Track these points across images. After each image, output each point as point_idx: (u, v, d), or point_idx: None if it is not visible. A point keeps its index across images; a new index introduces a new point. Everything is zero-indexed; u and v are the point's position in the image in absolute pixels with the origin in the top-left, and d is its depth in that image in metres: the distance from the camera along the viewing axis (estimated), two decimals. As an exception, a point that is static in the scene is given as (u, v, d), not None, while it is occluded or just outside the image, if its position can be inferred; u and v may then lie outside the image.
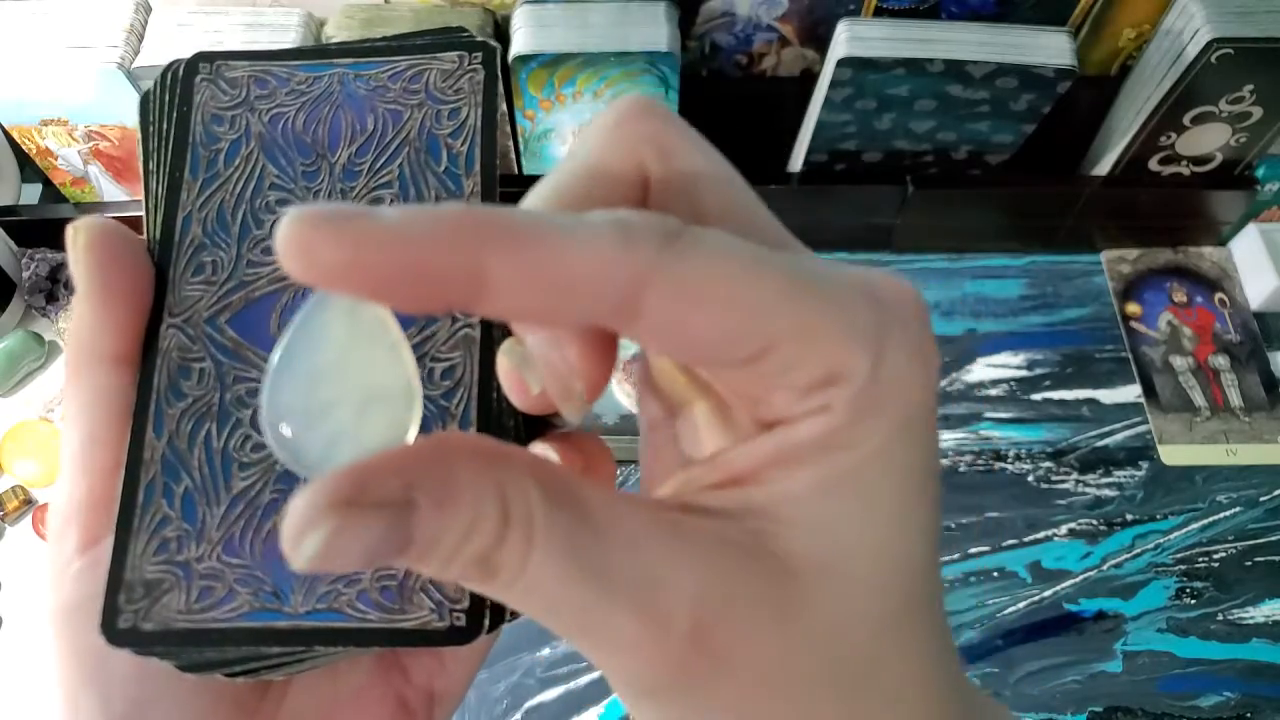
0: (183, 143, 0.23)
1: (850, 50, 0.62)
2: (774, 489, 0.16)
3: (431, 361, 0.21)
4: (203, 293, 0.22)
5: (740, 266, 0.15)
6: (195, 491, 0.21)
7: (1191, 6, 0.62)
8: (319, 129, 0.23)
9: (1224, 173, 0.73)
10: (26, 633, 0.63)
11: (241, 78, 0.23)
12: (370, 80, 0.23)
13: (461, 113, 0.23)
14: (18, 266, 0.73)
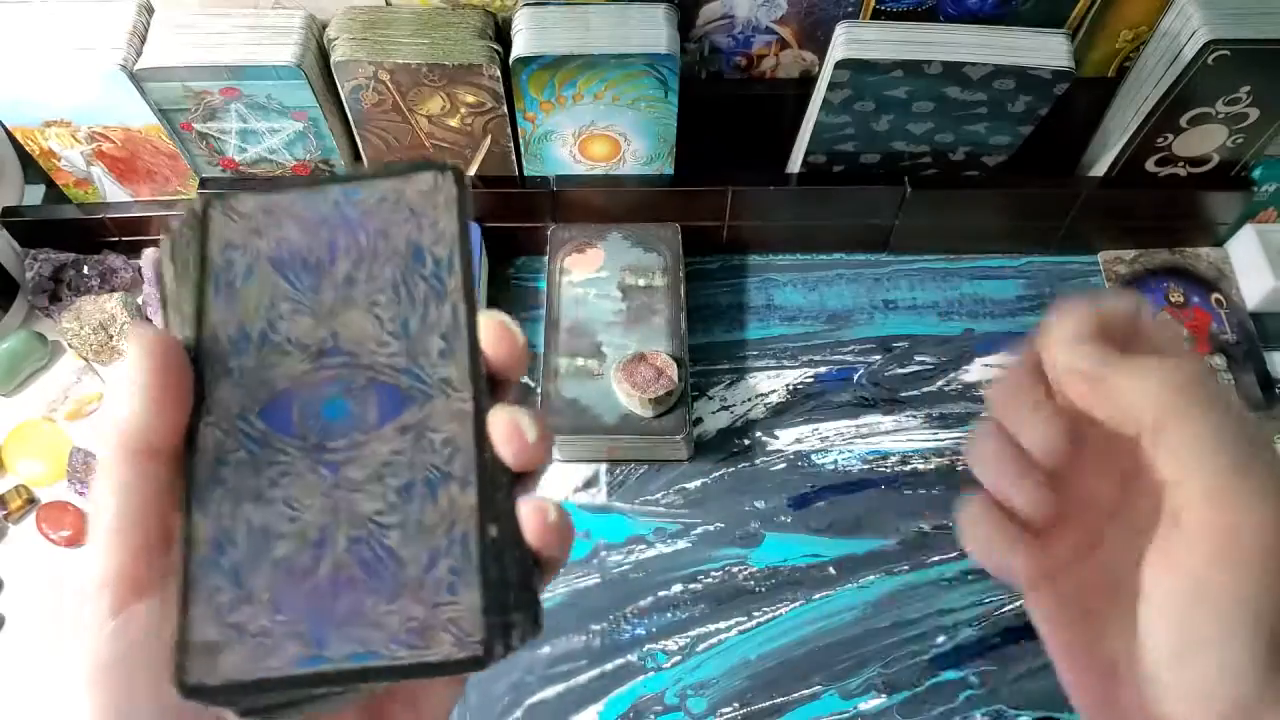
0: (204, 268, 0.26)
1: (848, 52, 0.62)
2: None
3: (432, 433, 0.25)
4: (232, 394, 0.25)
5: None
6: (242, 562, 0.24)
7: (1188, 8, 0.63)
8: (320, 248, 0.26)
9: (1221, 174, 0.73)
10: (28, 632, 0.63)
11: (251, 210, 0.27)
12: (360, 203, 0.27)
13: (439, 223, 0.27)
14: (21, 267, 0.73)
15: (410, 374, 0.26)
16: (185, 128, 0.66)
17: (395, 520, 0.24)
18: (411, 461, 0.25)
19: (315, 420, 0.25)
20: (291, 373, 0.25)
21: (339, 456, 0.25)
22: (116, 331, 0.71)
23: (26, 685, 0.61)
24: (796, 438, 0.70)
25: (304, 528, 0.24)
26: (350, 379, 0.25)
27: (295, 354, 0.26)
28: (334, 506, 0.24)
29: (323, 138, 0.68)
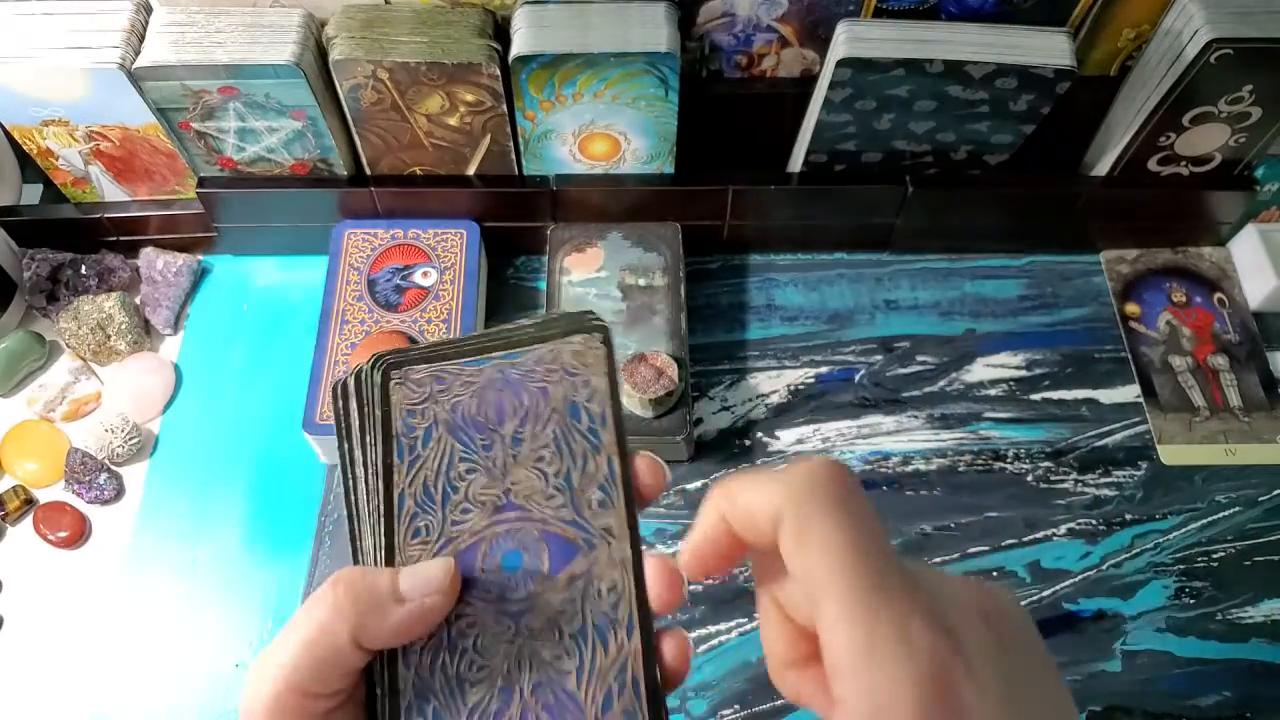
0: (389, 435, 0.29)
1: (850, 51, 0.62)
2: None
3: (598, 581, 0.28)
4: (421, 551, 0.28)
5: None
6: (441, 709, 0.27)
7: (1191, 7, 0.62)
8: (489, 410, 0.29)
9: (1223, 173, 0.73)
10: (27, 633, 0.63)
11: (424, 378, 0.30)
12: (520, 367, 0.30)
13: (591, 382, 0.30)
14: (19, 267, 0.73)
15: (576, 525, 0.28)
16: (183, 127, 0.66)
17: (572, 665, 0.27)
18: (582, 609, 0.27)
19: (496, 573, 0.28)
20: (474, 529, 0.28)
21: (519, 606, 0.27)
22: (114, 331, 0.71)
23: (26, 685, 0.61)
24: (797, 438, 0.70)
25: (492, 675, 0.27)
26: (524, 532, 0.28)
27: (475, 511, 0.28)
28: (518, 654, 0.27)
29: (321, 136, 0.67)
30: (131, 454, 0.68)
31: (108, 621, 0.63)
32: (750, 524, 0.26)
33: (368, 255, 0.72)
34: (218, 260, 0.77)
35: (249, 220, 0.74)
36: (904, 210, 0.74)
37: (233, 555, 0.65)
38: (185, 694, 0.61)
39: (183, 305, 0.75)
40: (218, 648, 0.62)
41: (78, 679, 0.61)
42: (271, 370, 0.72)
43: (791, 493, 0.24)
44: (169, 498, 0.67)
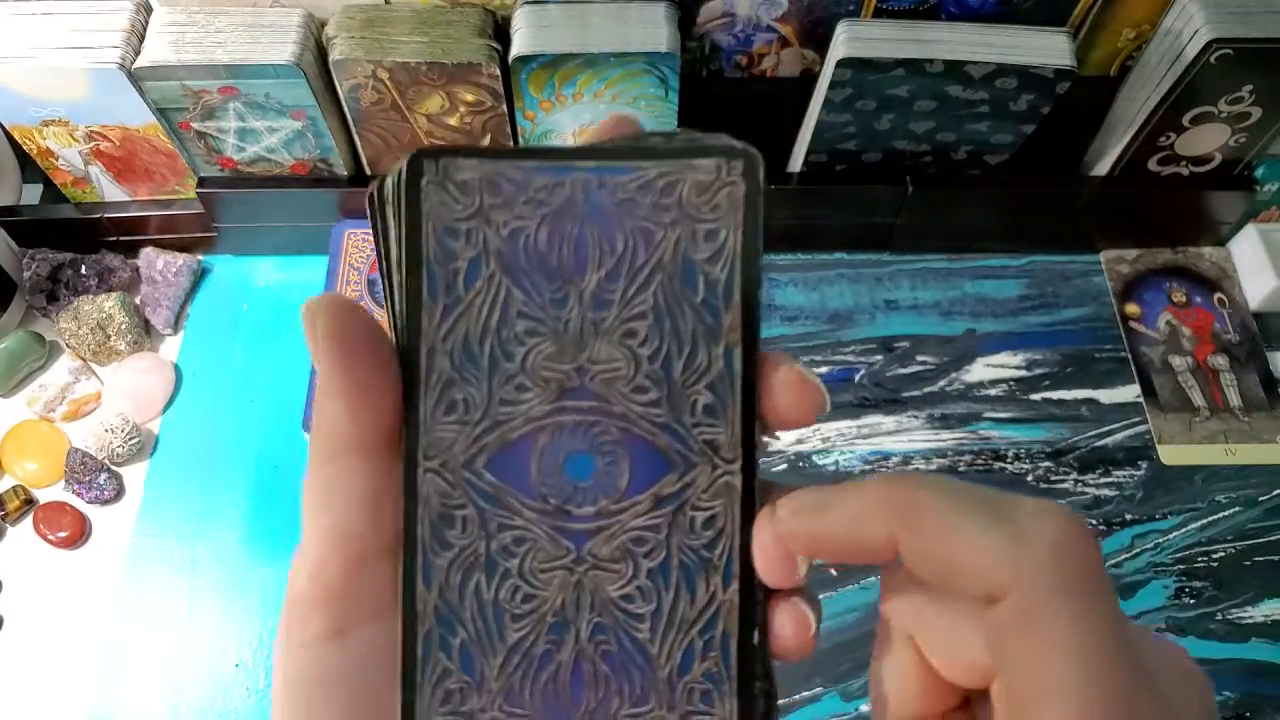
0: (417, 259, 0.21)
1: (850, 51, 0.62)
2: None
3: (693, 510, 0.21)
4: (456, 434, 0.21)
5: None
6: (471, 644, 0.21)
7: (1191, 7, 0.62)
8: (564, 248, 0.21)
9: (1223, 173, 0.73)
10: (27, 633, 0.63)
11: (472, 181, 0.21)
12: (616, 190, 0.21)
13: (720, 234, 0.21)
14: (19, 267, 0.73)
15: (671, 432, 0.21)
16: (183, 127, 0.66)
17: (647, 609, 0.21)
18: (668, 541, 0.21)
19: (556, 477, 0.21)
20: (530, 415, 0.21)
21: (584, 526, 0.21)
22: (114, 331, 0.71)
23: (25, 685, 0.61)
24: (797, 438, 0.70)
25: (542, 609, 0.21)
26: (600, 430, 0.21)
27: (534, 390, 0.21)
28: (577, 585, 0.21)
29: (321, 136, 0.67)
30: (131, 454, 0.68)
31: (107, 622, 0.63)
32: (933, 571, 0.20)
33: (368, 255, 0.72)
34: (218, 260, 0.77)
35: (249, 220, 0.74)
36: (904, 210, 0.73)
37: (232, 555, 0.65)
38: (185, 694, 0.61)
39: (183, 305, 0.75)
40: (217, 648, 0.62)
41: (77, 679, 0.61)
42: (271, 370, 0.72)
43: (1029, 563, 0.18)
44: (169, 498, 0.67)
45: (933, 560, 0.20)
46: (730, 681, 0.21)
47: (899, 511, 0.20)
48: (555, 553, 0.21)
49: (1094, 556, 0.19)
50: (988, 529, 0.19)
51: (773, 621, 0.21)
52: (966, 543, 0.19)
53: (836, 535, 0.21)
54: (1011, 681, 0.19)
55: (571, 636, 0.21)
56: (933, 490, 0.20)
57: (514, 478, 0.21)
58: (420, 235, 0.21)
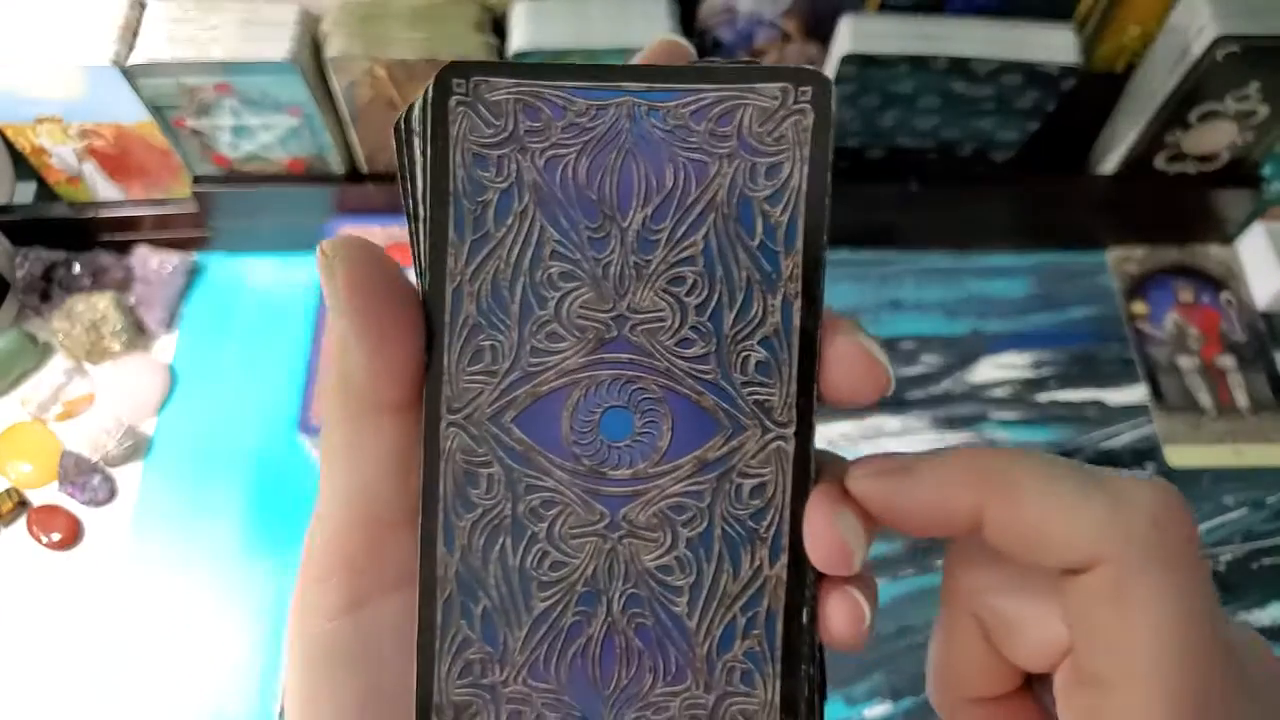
0: (443, 190, 0.19)
1: (854, 46, 0.61)
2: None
3: (739, 477, 0.20)
4: (483, 385, 0.19)
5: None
6: (494, 612, 0.20)
7: (1198, 3, 0.62)
8: (606, 181, 0.19)
9: (1230, 171, 0.72)
10: (19, 636, 0.62)
11: (506, 102, 0.19)
12: (667, 116, 0.19)
13: (783, 170, 0.19)
14: (12, 266, 0.72)
15: (719, 391, 0.19)
16: (178, 124, 0.65)
17: (685, 582, 0.20)
18: (711, 509, 0.20)
19: (591, 436, 0.19)
20: (564, 367, 0.19)
21: (620, 489, 0.20)
22: (108, 331, 0.70)
23: (19, 689, 0.60)
24: (800, 439, 0.69)
25: (572, 577, 0.20)
26: (639, 386, 0.19)
27: (569, 340, 0.19)
28: (610, 553, 0.20)
29: (317, 133, 0.66)
30: (125, 455, 0.67)
31: (102, 624, 0.62)
32: (1020, 543, 0.18)
33: (365, 254, 0.71)
34: (212, 259, 0.76)
35: (244, 218, 0.73)
36: (908, 208, 0.73)
37: (228, 557, 0.65)
38: (181, 696, 0.60)
39: (177, 304, 0.74)
40: (213, 649, 0.62)
41: (72, 682, 0.61)
42: (267, 370, 0.71)
43: (1127, 531, 0.17)
44: (163, 499, 0.67)
45: (1022, 529, 0.18)
46: (774, 663, 0.20)
47: (990, 478, 0.18)
48: (588, 517, 0.20)
49: (1192, 532, 0.18)
50: (1084, 496, 0.18)
51: (823, 607, 0.20)
52: (1061, 510, 0.18)
53: (921, 501, 0.19)
54: (1093, 657, 0.18)
55: (603, 608, 0.20)
56: (1026, 457, 0.19)
57: (544, 435, 0.19)
58: (447, 163, 0.19)
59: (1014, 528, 0.18)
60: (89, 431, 0.67)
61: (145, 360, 0.71)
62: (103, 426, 0.67)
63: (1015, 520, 0.18)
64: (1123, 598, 0.17)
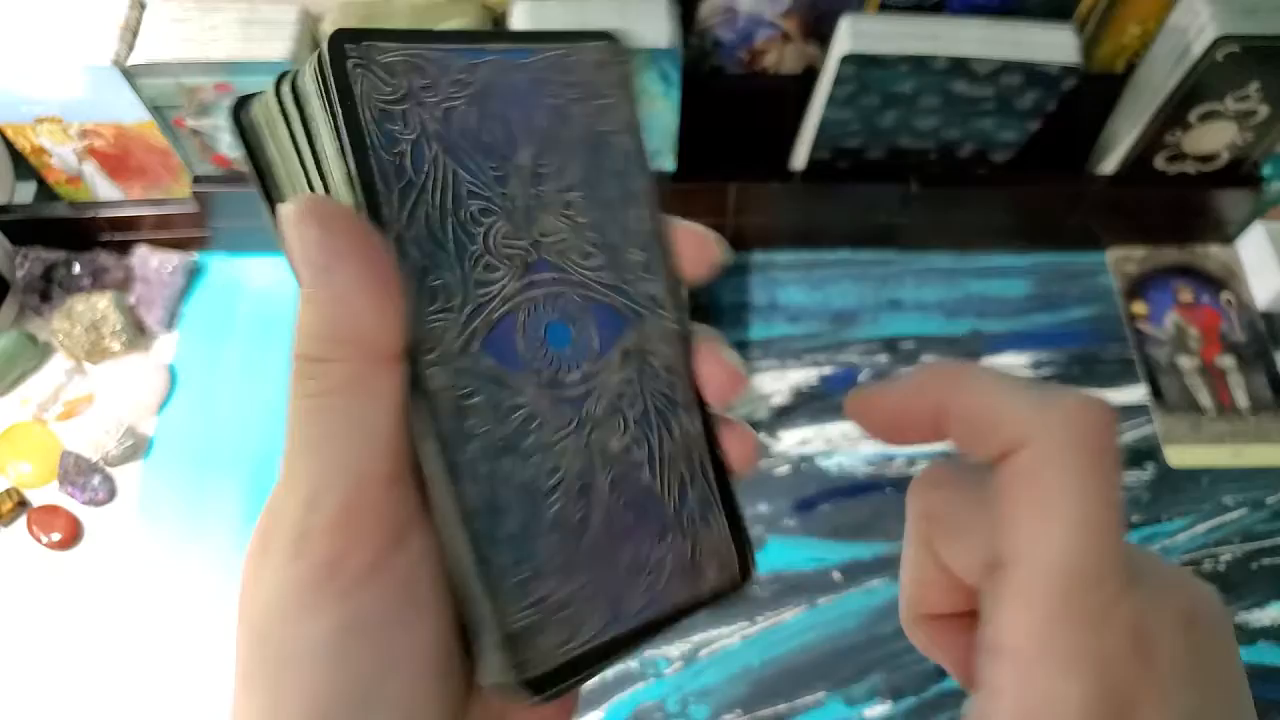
0: (362, 145, 0.20)
1: (854, 46, 0.61)
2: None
3: (651, 358, 0.23)
4: (445, 323, 0.20)
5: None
6: (520, 531, 0.21)
7: (1198, 3, 0.62)
8: (494, 126, 0.21)
9: (1230, 171, 0.72)
10: (19, 636, 0.62)
11: (397, 64, 0.20)
12: (529, 70, 0.22)
13: (618, 106, 0.23)
14: (11, 266, 0.72)
15: (620, 291, 0.23)
16: (178, 124, 0.65)
17: (642, 455, 0.23)
18: (641, 390, 0.23)
19: (542, 350, 0.22)
20: (506, 293, 0.21)
21: (577, 391, 0.22)
22: (108, 331, 0.70)
23: (18, 689, 0.60)
24: (801, 440, 0.69)
25: (567, 477, 0.21)
26: (565, 299, 0.22)
27: (502, 269, 0.21)
28: (586, 448, 0.22)
29: (318, 134, 0.66)
30: (125, 455, 0.67)
31: (101, 624, 0.62)
32: (968, 430, 0.21)
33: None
34: (212, 259, 0.76)
35: (244, 218, 0.73)
36: (908, 208, 0.73)
37: (227, 557, 0.64)
38: (180, 697, 0.60)
39: (177, 304, 0.74)
40: (212, 650, 0.61)
41: (71, 683, 0.60)
42: (267, 370, 0.71)
43: (1045, 429, 0.19)
44: (163, 499, 0.66)
45: (968, 417, 0.21)
46: (717, 501, 0.24)
47: (947, 379, 0.22)
48: (561, 422, 0.22)
49: (1110, 440, 0.19)
50: (1021, 391, 0.20)
51: (724, 444, 0.24)
52: (998, 399, 0.20)
53: (893, 403, 0.23)
54: (1002, 538, 0.19)
55: (597, 496, 0.22)
56: (977, 367, 0.22)
57: (507, 357, 0.21)
58: (359, 120, 0.20)
59: (962, 416, 0.21)
60: (89, 431, 0.67)
61: (145, 360, 0.71)
62: (103, 426, 0.66)
63: (963, 409, 0.21)
64: (1035, 479, 0.19)
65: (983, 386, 0.21)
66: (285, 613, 0.19)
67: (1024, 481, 0.19)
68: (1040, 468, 0.19)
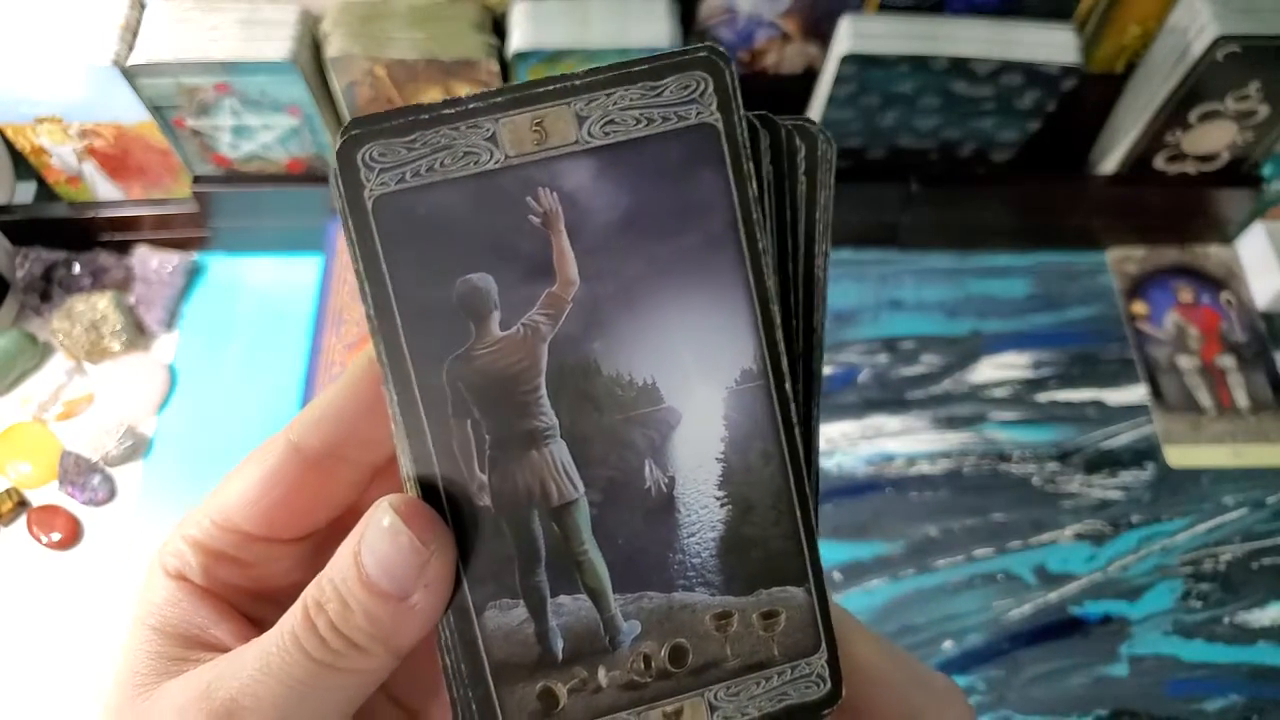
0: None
1: (854, 47, 0.61)
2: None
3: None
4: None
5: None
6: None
7: (1198, 3, 0.62)
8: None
9: (1230, 171, 0.72)
10: (19, 636, 0.62)
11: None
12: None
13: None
14: (12, 266, 0.72)
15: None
16: (178, 124, 0.65)
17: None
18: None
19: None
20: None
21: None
22: (108, 331, 0.70)
23: (18, 689, 0.60)
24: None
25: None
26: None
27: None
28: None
29: (317, 133, 0.66)
30: (125, 455, 0.67)
31: (101, 624, 0.62)
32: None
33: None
34: (212, 259, 0.76)
35: (244, 218, 0.73)
36: (908, 208, 0.73)
37: (228, 558, 0.64)
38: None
39: (177, 304, 0.74)
40: (213, 652, 0.61)
41: (71, 683, 0.60)
42: (267, 370, 0.71)
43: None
44: (163, 499, 0.66)
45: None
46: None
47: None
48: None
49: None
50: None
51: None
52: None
53: None
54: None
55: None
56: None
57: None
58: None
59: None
60: (89, 431, 0.67)
61: (145, 360, 0.71)
62: (103, 426, 0.66)
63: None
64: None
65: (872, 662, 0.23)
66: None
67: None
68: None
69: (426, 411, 0.20)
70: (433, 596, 0.20)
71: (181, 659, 0.21)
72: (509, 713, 0.20)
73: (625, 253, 0.20)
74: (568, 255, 0.20)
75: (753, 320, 0.21)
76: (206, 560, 0.22)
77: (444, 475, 0.20)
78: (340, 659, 0.19)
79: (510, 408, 0.20)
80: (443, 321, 0.20)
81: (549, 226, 0.20)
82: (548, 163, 0.20)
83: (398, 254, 0.20)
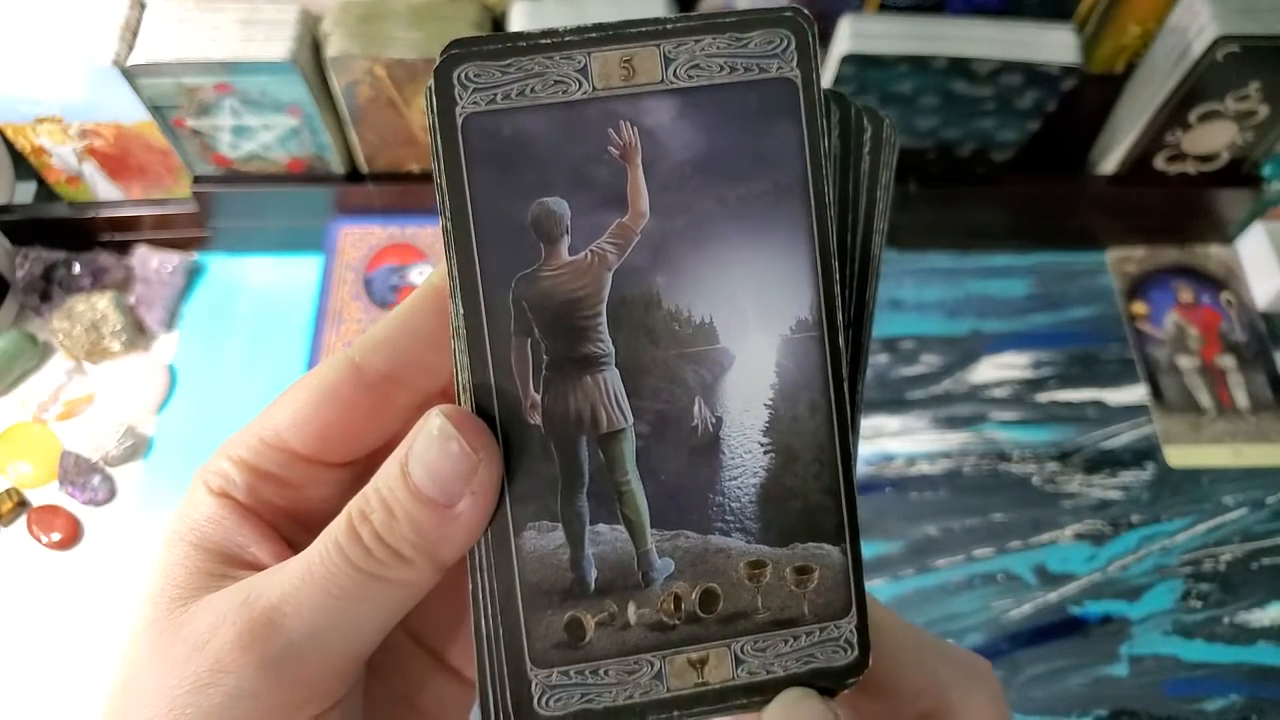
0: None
1: (853, 47, 0.61)
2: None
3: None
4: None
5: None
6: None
7: (1198, 3, 0.62)
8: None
9: (1230, 171, 0.72)
10: (19, 636, 0.62)
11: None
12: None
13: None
14: (12, 266, 0.72)
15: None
16: (178, 124, 0.65)
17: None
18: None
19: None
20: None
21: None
22: (108, 331, 0.70)
23: (18, 689, 0.60)
24: (800, 439, 0.69)
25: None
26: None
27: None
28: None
29: (317, 133, 0.66)
30: (125, 455, 0.67)
31: (102, 624, 0.62)
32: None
33: (364, 253, 0.71)
34: (212, 259, 0.76)
35: (244, 218, 0.73)
36: (908, 208, 0.73)
37: (228, 558, 0.64)
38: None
39: (177, 304, 0.74)
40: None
41: (71, 683, 0.60)
42: (267, 370, 0.71)
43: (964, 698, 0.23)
44: (163, 499, 0.66)
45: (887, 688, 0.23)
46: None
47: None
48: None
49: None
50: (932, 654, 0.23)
51: None
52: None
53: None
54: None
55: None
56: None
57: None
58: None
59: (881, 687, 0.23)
60: (89, 431, 0.67)
61: (145, 360, 0.71)
62: (103, 426, 0.66)
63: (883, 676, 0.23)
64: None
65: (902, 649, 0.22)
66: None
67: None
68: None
69: (489, 325, 0.20)
70: (479, 505, 0.20)
71: (221, 575, 0.21)
72: (534, 639, 0.20)
73: (696, 192, 0.21)
74: (641, 188, 0.20)
75: (813, 271, 0.21)
76: (252, 479, 0.22)
77: (499, 389, 0.20)
78: (384, 569, 0.19)
79: (570, 331, 0.21)
80: (515, 240, 0.20)
81: (626, 159, 0.20)
82: (632, 99, 0.20)
83: (480, 171, 0.20)
